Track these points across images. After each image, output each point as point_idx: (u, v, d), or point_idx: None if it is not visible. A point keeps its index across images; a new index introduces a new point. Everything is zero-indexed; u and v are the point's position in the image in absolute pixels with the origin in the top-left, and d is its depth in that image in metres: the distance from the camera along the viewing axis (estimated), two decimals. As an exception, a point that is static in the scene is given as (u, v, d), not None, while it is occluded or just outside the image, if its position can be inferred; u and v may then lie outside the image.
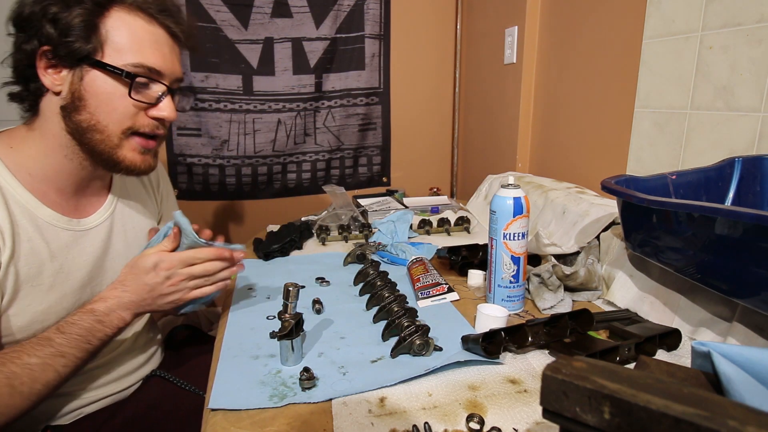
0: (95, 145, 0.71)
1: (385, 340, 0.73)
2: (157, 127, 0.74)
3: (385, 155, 2.04)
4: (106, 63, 0.68)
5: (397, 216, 1.28)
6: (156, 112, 0.73)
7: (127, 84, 0.69)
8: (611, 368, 0.33)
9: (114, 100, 0.69)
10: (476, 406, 0.57)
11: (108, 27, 0.68)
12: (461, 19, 1.96)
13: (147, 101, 0.71)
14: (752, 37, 0.84)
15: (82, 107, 0.69)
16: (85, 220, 0.79)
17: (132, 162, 0.74)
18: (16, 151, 0.72)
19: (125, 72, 0.68)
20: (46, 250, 0.72)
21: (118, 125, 0.71)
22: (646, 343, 0.67)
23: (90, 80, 0.68)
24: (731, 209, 0.55)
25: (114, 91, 0.69)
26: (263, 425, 0.54)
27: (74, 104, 0.69)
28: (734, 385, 0.41)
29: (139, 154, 0.74)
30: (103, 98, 0.69)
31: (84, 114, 0.69)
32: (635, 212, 0.72)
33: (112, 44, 0.68)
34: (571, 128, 1.39)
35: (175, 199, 1.04)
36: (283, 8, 1.76)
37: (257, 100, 1.82)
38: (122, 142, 0.72)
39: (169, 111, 0.73)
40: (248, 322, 0.80)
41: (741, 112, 0.87)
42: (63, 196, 0.76)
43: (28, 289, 0.70)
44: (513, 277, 0.80)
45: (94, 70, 0.68)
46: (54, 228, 0.73)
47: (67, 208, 0.76)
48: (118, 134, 0.71)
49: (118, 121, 0.70)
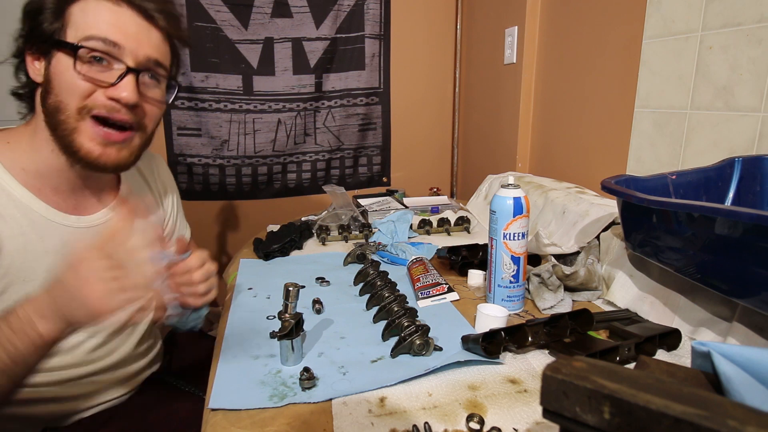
0: (58, 128, 0.68)
1: (385, 340, 0.73)
2: (115, 110, 0.69)
3: (385, 155, 2.04)
4: (62, 40, 0.66)
5: (397, 216, 1.28)
6: (112, 92, 0.68)
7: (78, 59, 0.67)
8: (611, 368, 0.33)
9: (69, 77, 0.66)
10: (476, 406, 0.57)
11: (73, 10, 0.67)
12: (461, 19, 1.96)
13: (101, 79, 0.67)
14: (752, 37, 0.84)
15: (50, 90, 0.68)
16: (85, 218, 0.77)
17: (89, 152, 0.69)
18: (12, 147, 0.72)
19: (71, 45, 0.66)
20: (41, 246, 0.71)
21: (74, 102, 0.67)
22: (646, 343, 0.67)
23: (55, 62, 0.67)
24: (731, 209, 0.55)
25: (69, 68, 0.66)
26: (263, 425, 0.54)
27: (45, 89, 0.68)
28: (734, 385, 0.41)
29: (98, 145, 0.69)
30: (62, 77, 0.67)
31: (51, 96, 0.68)
32: (635, 212, 0.72)
33: (74, 24, 0.67)
34: (571, 128, 1.39)
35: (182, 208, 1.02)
36: (283, 8, 1.76)
37: (257, 100, 1.82)
38: (79, 125, 0.68)
39: (128, 92, 0.68)
40: (248, 322, 0.80)
41: (741, 112, 0.87)
42: (60, 194, 0.74)
43: (20, 285, 0.69)
44: (513, 277, 0.80)
45: (59, 52, 0.67)
46: (50, 223, 0.72)
47: (65, 206, 0.75)
48: (74, 114, 0.67)
49: (73, 98, 0.67)
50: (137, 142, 0.74)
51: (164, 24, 0.72)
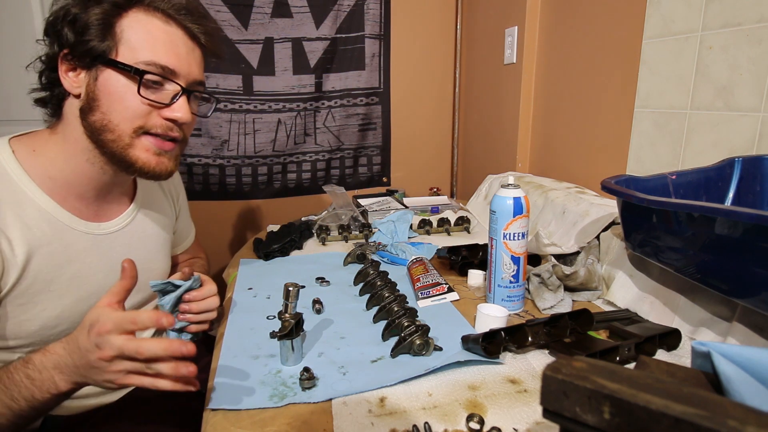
0: (107, 145, 0.70)
1: (385, 340, 0.73)
2: (170, 129, 0.72)
3: (385, 155, 2.04)
4: (118, 61, 0.67)
5: (397, 216, 1.28)
6: (168, 113, 0.71)
7: (137, 82, 0.68)
8: (611, 368, 0.33)
9: (125, 98, 0.68)
10: (476, 406, 0.57)
11: (123, 26, 0.68)
12: (461, 19, 1.96)
13: (159, 101, 0.70)
14: (752, 37, 0.84)
15: (96, 107, 0.68)
16: (105, 224, 0.79)
17: (146, 163, 0.71)
18: (38, 154, 0.71)
19: (134, 69, 0.67)
20: (64, 254, 0.72)
21: (129, 124, 0.69)
22: (646, 343, 0.67)
23: (104, 80, 0.68)
24: (731, 209, 0.55)
25: (125, 90, 0.68)
26: (263, 425, 0.54)
27: (89, 105, 0.69)
28: (734, 385, 0.41)
29: (154, 155, 0.72)
30: (114, 97, 0.68)
31: (97, 114, 0.69)
32: (635, 212, 0.72)
33: (127, 43, 0.68)
34: (571, 128, 1.39)
35: (189, 213, 1.05)
36: (283, 8, 1.76)
37: (257, 100, 1.82)
38: (133, 142, 0.70)
39: (182, 112, 0.71)
40: (248, 322, 0.80)
41: (741, 112, 0.87)
42: (84, 201, 0.75)
43: (44, 294, 0.70)
44: (513, 277, 0.80)
45: (108, 69, 0.68)
46: (73, 231, 0.73)
47: (87, 213, 0.76)
48: (129, 133, 0.69)
49: (128, 119, 0.69)
50: (179, 151, 0.77)
51: (206, 43, 0.75)
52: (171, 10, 0.70)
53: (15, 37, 1.66)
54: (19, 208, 0.68)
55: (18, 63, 0.74)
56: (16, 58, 1.68)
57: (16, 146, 0.71)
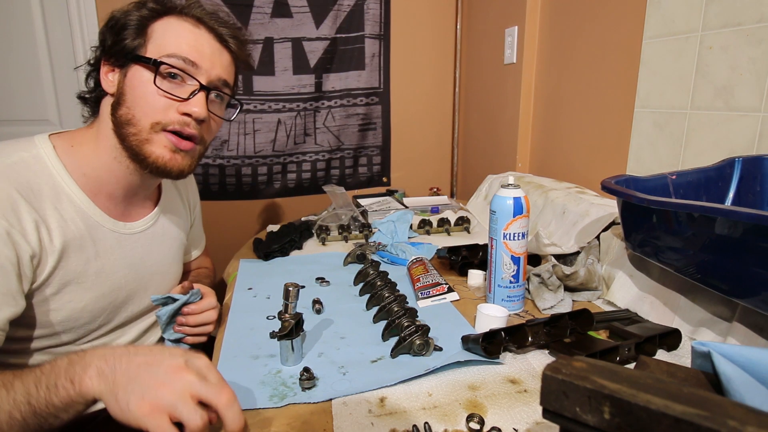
0: (128, 139, 0.72)
1: (385, 340, 0.73)
2: (186, 124, 0.73)
3: (385, 155, 2.04)
4: (143, 55, 0.71)
5: (397, 216, 1.28)
6: (184, 107, 0.72)
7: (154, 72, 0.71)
8: (611, 368, 0.33)
9: (145, 91, 0.71)
10: (476, 406, 0.57)
11: (155, 28, 0.72)
12: (461, 19, 1.96)
13: (177, 95, 0.71)
14: (752, 37, 0.84)
15: (122, 102, 0.72)
16: (131, 225, 0.81)
17: (159, 157, 0.72)
18: (75, 150, 0.74)
19: (153, 60, 0.70)
20: (93, 249, 0.74)
21: (148, 118, 0.71)
22: (646, 343, 0.67)
23: (131, 75, 0.71)
24: (731, 209, 0.55)
25: (146, 83, 0.71)
26: (263, 425, 0.54)
27: (118, 100, 0.72)
28: (734, 385, 0.41)
29: (169, 152, 0.73)
30: (137, 91, 0.71)
31: (123, 108, 0.72)
32: (635, 212, 0.72)
33: (155, 41, 0.71)
34: (571, 128, 1.39)
35: (202, 226, 1.08)
36: (283, 8, 1.76)
37: (257, 99, 1.82)
38: (152, 137, 0.72)
39: (198, 107, 0.72)
40: (248, 322, 0.80)
41: (741, 112, 0.87)
42: (113, 200, 0.78)
43: (73, 285, 0.72)
44: (513, 277, 0.80)
45: (135, 65, 0.71)
46: (102, 228, 0.76)
47: (115, 212, 0.79)
48: (147, 128, 0.71)
49: (148, 114, 0.71)
50: (197, 153, 0.78)
51: (235, 48, 0.78)
52: (202, 15, 0.74)
53: (15, 37, 1.66)
54: (58, 201, 0.70)
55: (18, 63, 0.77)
56: (17, 58, 1.68)
57: (57, 141, 0.74)
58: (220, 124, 0.83)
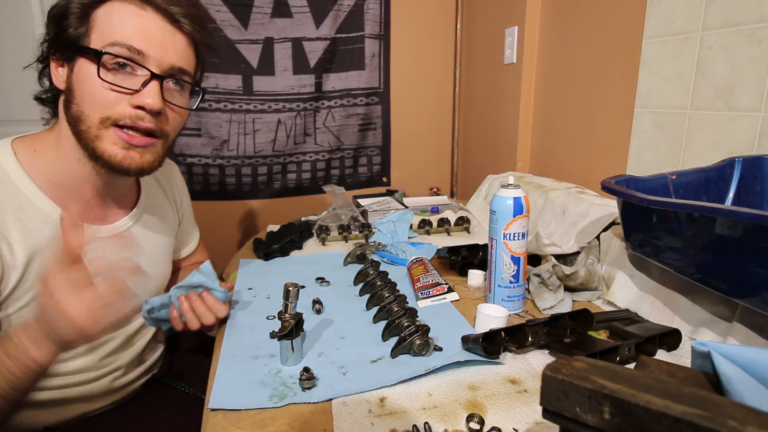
0: (81, 136, 0.67)
1: (385, 340, 0.73)
2: (139, 118, 0.67)
3: (385, 155, 2.04)
4: (85, 46, 0.65)
5: (397, 216, 1.28)
6: (136, 99, 0.66)
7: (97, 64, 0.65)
8: (611, 368, 0.33)
9: (92, 85, 0.65)
10: (476, 406, 0.57)
11: (98, 15, 0.66)
12: (461, 19, 1.96)
13: (126, 86, 0.66)
14: (752, 37, 0.84)
15: (72, 99, 0.67)
16: (105, 228, 0.77)
17: (112, 155, 0.67)
18: (38, 156, 0.70)
19: (95, 51, 0.64)
20: None
21: (96, 113, 0.66)
22: (646, 343, 0.67)
23: (77, 69, 0.66)
24: (731, 209, 0.55)
25: (92, 76, 0.64)
26: (263, 425, 0.54)
27: (68, 97, 0.67)
28: (734, 385, 0.41)
29: (121, 149, 0.67)
30: (84, 86, 0.65)
31: (73, 105, 0.67)
32: (635, 212, 0.72)
33: (98, 29, 0.65)
34: (571, 128, 1.39)
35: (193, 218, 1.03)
36: (283, 8, 1.76)
37: (257, 100, 1.82)
38: (101, 133, 0.66)
39: (152, 98, 0.66)
40: (248, 322, 0.80)
41: (741, 112, 0.87)
42: (84, 204, 0.74)
43: None
44: (513, 277, 0.80)
45: (81, 58, 0.65)
46: None
47: (87, 216, 0.75)
48: (96, 124, 0.66)
49: (97, 108, 0.66)
50: (159, 147, 0.72)
51: (189, 29, 0.70)
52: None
53: (14, 36, 1.66)
54: (20, 211, 0.67)
55: (17, 63, 0.74)
56: (16, 57, 1.68)
57: (19, 147, 0.70)
58: (184, 115, 0.75)
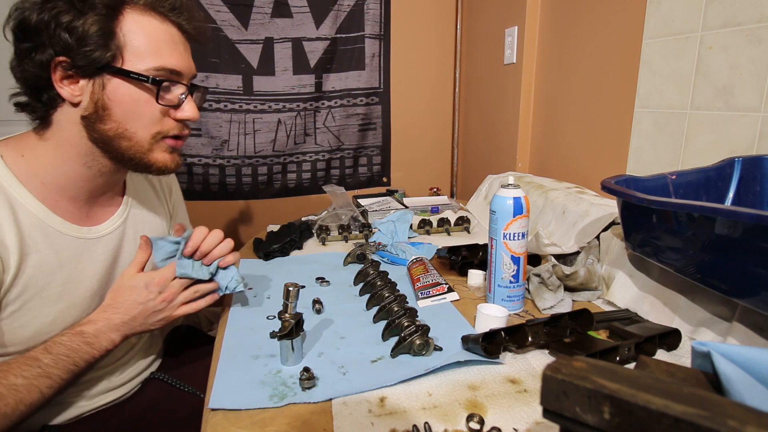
0: (124, 152, 0.71)
1: (385, 340, 0.73)
2: (182, 129, 0.75)
3: (385, 155, 2.04)
4: (129, 70, 0.67)
5: (397, 216, 1.28)
6: (180, 114, 0.73)
7: (151, 90, 0.69)
8: (611, 368, 0.33)
9: (140, 107, 0.69)
10: (476, 406, 0.57)
11: (125, 31, 0.66)
12: (461, 19, 1.96)
13: (171, 104, 0.72)
14: (752, 37, 0.84)
15: (107, 117, 0.68)
16: (97, 228, 0.78)
17: (164, 163, 0.74)
18: (27, 159, 0.70)
19: (151, 78, 0.68)
20: (55, 260, 0.71)
21: (147, 131, 0.71)
22: (646, 343, 0.67)
23: (113, 89, 0.67)
24: (731, 209, 0.55)
25: (140, 98, 0.69)
26: (263, 425, 0.54)
27: (98, 114, 0.67)
28: (734, 385, 0.41)
29: (169, 154, 0.74)
30: (129, 106, 0.68)
31: (110, 123, 0.68)
32: (635, 212, 0.72)
33: (131, 49, 0.67)
34: (571, 128, 1.39)
35: (185, 208, 1.03)
36: (283, 8, 1.76)
37: (257, 100, 1.82)
38: (153, 146, 0.72)
39: (192, 111, 0.74)
40: (248, 322, 0.80)
41: (741, 112, 0.87)
42: (76, 204, 0.74)
43: (37, 300, 0.69)
44: (513, 277, 0.80)
45: (116, 78, 0.67)
46: (64, 237, 0.72)
47: (78, 216, 0.75)
48: (148, 140, 0.71)
49: (146, 127, 0.70)
50: None
51: (195, 36, 0.76)
52: (164, 9, 0.69)
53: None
54: (10, 213, 0.66)
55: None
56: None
57: (4, 151, 0.69)
58: None
